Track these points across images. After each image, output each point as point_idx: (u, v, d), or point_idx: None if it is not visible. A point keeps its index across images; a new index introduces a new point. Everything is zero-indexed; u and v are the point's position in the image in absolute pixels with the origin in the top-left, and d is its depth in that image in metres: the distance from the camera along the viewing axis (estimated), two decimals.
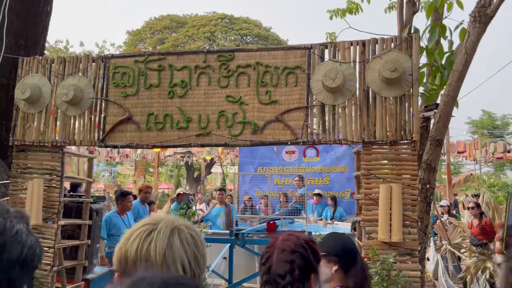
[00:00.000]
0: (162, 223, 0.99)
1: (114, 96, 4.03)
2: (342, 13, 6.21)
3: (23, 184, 4.12)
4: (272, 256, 1.46)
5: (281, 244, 1.48)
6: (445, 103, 4.03)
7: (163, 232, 0.96)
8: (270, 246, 1.49)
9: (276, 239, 1.52)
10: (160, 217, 1.04)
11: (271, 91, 3.76)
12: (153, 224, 0.99)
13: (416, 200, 3.41)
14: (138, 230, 0.99)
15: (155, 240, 0.95)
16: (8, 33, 4.28)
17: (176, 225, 1.00)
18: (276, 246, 1.48)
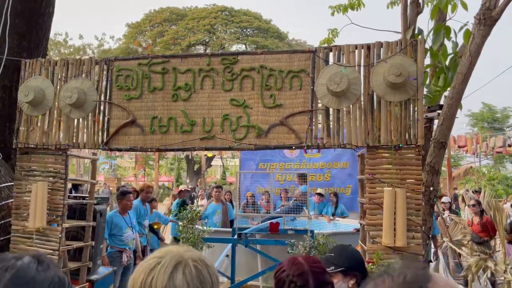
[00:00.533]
0: (168, 257, 1.00)
1: (118, 99, 4.02)
2: (343, 9, 6.18)
3: (27, 187, 4.13)
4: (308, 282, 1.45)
5: (313, 269, 1.48)
6: (449, 106, 4.02)
7: (166, 267, 0.97)
8: (301, 274, 1.47)
9: (300, 264, 1.51)
10: (169, 249, 1.05)
11: (276, 94, 3.75)
12: (159, 257, 1.01)
13: (421, 205, 3.43)
14: (146, 263, 1.02)
15: (157, 274, 0.96)
16: (10, 35, 4.25)
17: (181, 259, 1.00)
18: (310, 271, 1.48)
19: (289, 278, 1.46)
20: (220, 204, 8.08)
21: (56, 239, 4.05)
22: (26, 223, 4.05)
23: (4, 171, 4.31)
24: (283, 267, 1.53)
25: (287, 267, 1.51)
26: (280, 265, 1.55)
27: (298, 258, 1.53)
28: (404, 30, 4.41)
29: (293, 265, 1.49)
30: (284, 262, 1.55)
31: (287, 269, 1.50)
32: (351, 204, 9.75)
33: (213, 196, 8.27)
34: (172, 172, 36.15)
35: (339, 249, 2.10)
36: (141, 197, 6.83)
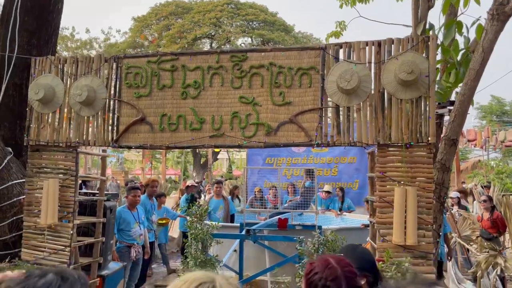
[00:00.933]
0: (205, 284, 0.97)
1: (127, 97, 4.03)
2: (352, 1, 6.11)
3: (38, 184, 4.17)
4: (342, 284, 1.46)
5: (346, 274, 1.49)
6: (461, 102, 3.97)
7: None
8: (334, 279, 1.46)
9: (334, 268, 1.50)
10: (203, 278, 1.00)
11: (285, 92, 3.73)
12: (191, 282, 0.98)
13: (432, 203, 3.41)
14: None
15: None
16: (20, 32, 4.27)
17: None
18: (343, 276, 1.48)
19: (321, 282, 1.46)
20: (222, 199, 8.09)
21: (67, 235, 4.09)
22: (38, 220, 4.09)
23: (16, 168, 4.35)
24: (315, 268, 1.51)
25: (320, 269, 1.50)
26: (312, 265, 1.54)
27: (330, 261, 1.52)
28: (415, 25, 4.35)
29: (326, 269, 1.49)
30: (316, 263, 1.53)
31: (320, 272, 1.49)
32: (358, 199, 9.73)
33: (214, 191, 8.27)
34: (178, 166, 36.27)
35: (349, 249, 2.09)
36: (147, 192, 6.85)
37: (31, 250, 4.16)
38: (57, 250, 4.09)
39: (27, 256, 4.13)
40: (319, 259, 1.57)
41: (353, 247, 2.19)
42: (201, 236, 4.83)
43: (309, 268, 1.54)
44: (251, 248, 6.24)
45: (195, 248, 4.89)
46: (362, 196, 9.81)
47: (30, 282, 0.78)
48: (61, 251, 4.09)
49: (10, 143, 4.46)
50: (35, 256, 4.11)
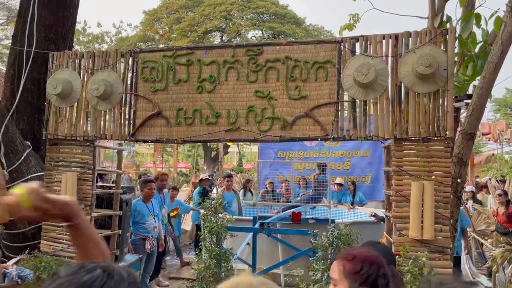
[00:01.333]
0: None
1: (144, 91, 4.06)
2: None
3: (56, 177, 4.23)
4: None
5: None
6: (479, 96, 3.93)
7: None
8: (385, 270, 1.50)
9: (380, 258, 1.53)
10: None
11: (301, 86, 3.73)
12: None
13: (449, 198, 3.39)
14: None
15: None
16: (37, 27, 4.32)
17: None
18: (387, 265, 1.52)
19: (381, 271, 1.49)
20: (233, 192, 8.12)
21: None
22: None
23: (35, 162, 4.43)
24: (365, 263, 1.51)
25: (370, 263, 1.51)
26: (359, 260, 1.53)
27: (372, 253, 1.55)
28: (431, 18, 4.30)
29: (377, 258, 1.52)
30: (363, 259, 1.53)
31: (373, 263, 1.51)
32: (370, 193, 9.70)
33: (225, 185, 8.27)
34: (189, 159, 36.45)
35: (371, 245, 2.09)
36: (156, 186, 6.83)
37: (50, 242, 4.24)
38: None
39: (46, 248, 4.21)
40: (360, 253, 1.56)
41: (373, 243, 2.19)
42: (216, 229, 4.86)
43: (357, 264, 1.51)
44: (264, 242, 6.27)
45: (209, 241, 4.93)
46: (375, 190, 9.78)
47: (77, 276, 0.79)
48: None
49: (29, 137, 4.53)
50: (53, 247, 4.19)
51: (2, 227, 4.21)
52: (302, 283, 4.46)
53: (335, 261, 1.59)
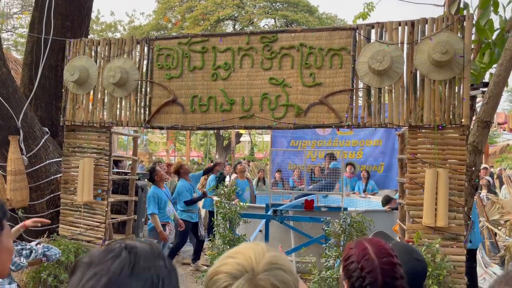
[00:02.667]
0: (240, 281, 0.89)
1: (159, 78, 4.10)
2: None
3: (73, 163, 4.33)
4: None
5: (383, 266, 1.45)
6: (496, 84, 3.87)
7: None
8: (370, 271, 1.44)
9: (372, 260, 1.46)
10: (245, 265, 0.92)
11: (315, 73, 3.73)
12: (232, 277, 0.90)
13: (463, 186, 3.38)
14: (216, 275, 0.92)
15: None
16: (54, 15, 4.37)
17: (255, 285, 0.88)
18: (380, 269, 1.45)
19: (357, 272, 1.43)
20: (246, 180, 8.16)
21: (102, 213, 4.25)
22: (74, 197, 4.27)
23: (52, 148, 4.52)
24: (352, 256, 1.46)
25: (356, 259, 1.45)
26: (350, 251, 1.48)
27: (368, 251, 1.45)
28: (448, 4, 4.24)
29: (363, 259, 1.43)
30: (354, 251, 1.47)
31: (356, 261, 1.45)
32: (383, 182, 9.67)
33: (238, 170, 8.28)
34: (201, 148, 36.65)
35: (400, 247, 1.80)
36: (184, 176, 6.83)
37: (68, 226, 4.35)
38: (92, 226, 4.26)
39: (64, 232, 4.33)
40: (358, 246, 1.51)
41: (406, 248, 1.88)
42: (230, 216, 4.93)
43: (346, 254, 1.50)
44: (276, 229, 6.33)
45: (223, 227, 5.00)
46: (387, 179, 9.75)
47: (106, 263, 0.79)
48: (96, 227, 4.26)
49: (47, 123, 4.63)
50: (71, 231, 4.30)
51: (21, 210, 4.33)
52: (315, 269, 4.51)
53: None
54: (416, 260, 1.77)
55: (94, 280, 0.76)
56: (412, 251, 1.83)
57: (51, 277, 3.84)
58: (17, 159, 4.04)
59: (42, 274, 3.83)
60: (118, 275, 0.77)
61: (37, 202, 4.40)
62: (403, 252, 1.72)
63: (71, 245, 4.02)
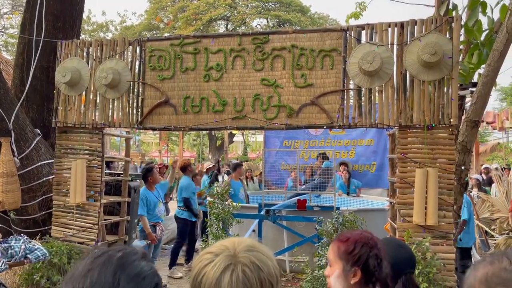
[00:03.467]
0: (221, 257, 1.01)
1: (151, 79, 4.11)
2: None
3: (66, 164, 4.32)
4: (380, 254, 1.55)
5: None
6: (484, 84, 3.94)
7: (217, 268, 0.99)
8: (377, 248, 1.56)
9: (374, 239, 1.58)
10: (226, 246, 1.05)
11: (307, 74, 3.76)
12: (215, 254, 1.03)
13: (452, 184, 3.44)
14: (203, 256, 1.04)
15: (207, 274, 0.99)
16: (46, 16, 4.36)
17: (234, 260, 1.00)
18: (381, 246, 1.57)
19: (371, 253, 1.54)
20: (239, 181, 8.21)
21: (95, 214, 4.25)
22: (66, 198, 4.26)
23: (44, 149, 4.51)
24: (357, 243, 1.55)
25: (364, 242, 1.56)
26: (350, 242, 1.57)
27: (366, 234, 1.59)
28: (437, 6, 4.29)
29: (370, 240, 1.56)
30: (353, 239, 1.57)
31: (366, 245, 1.55)
32: (375, 181, 9.76)
33: (236, 174, 8.34)
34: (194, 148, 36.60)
35: (394, 246, 1.91)
36: (189, 174, 6.88)
37: (61, 227, 4.35)
38: (85, 228, 4.26)
39: (57, 234, 4.32)
40: (353, 235, 1.60)
41: (399, 245, 1.99)
42: (223, 216, 4.95)
43: (348, 247, 1.56)
44: (269, 229, 6.36)
45: (216, 228, 5.02)
46: (380, 178, 9.83)
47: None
48: (89, 229, 4.26)
49: (38, 124, 4.61)
50: (64, 233, 4.29)
51: (13, 212, 4.32)
52: (307, 268, 4.55)
53: (332, 242, 1.65)
54: (400, 247, 1.90)
55: None
56: (397, 241, 2.01)
57: (44, 279, 3.83)
58: (9, 161, 4.03)
59: (35, 276, 3.82)
60: None
61: (29, 204, 4.39)
62: (387, 242, 1.85)
63: (64, 247, 4.02)
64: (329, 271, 1.59)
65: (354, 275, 1.53)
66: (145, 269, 0.90)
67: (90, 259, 0.88)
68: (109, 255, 0.89)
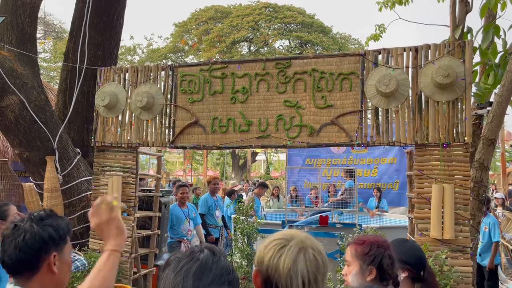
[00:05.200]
0: (293, 242, 1.23)
1: (182, 102, 4.45)
2: (391, 4, 6.28)
3: (102, 181, 4.66)
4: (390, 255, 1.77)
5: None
6: (499, 104, 4.10)
7: (292, 250, 1.21)
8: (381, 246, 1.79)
9: (382, 241, 1.81)
10: (293, 234, 1.27)
11: (327, 96, 4.01)
12: (286, 240, 1.24)
13: (468, 200, 3.57)
14: (274, 241, 1.25)
15: (285, 255, 1.20)
16: (88, 46, 4.79)
17: (304, 245, 1.22)
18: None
19: (385, 254, 1.76)
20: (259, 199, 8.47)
21: (129, 227, 4.55)
22: None
23: (84, 167, 4.88)
24: (373, 245, 1.78)
25: (378, 244, 1.78)
26: (366, 244, 1.79)
27: (380, 238, 1.82)
28: (452, 29, 4.51)
29: (383, 243, 1.79)
30: (369, 242, 1.80)
31: (380, 247, 1.78)
32: (398, 199, 9.80)
33: (258, 192, 8.61)
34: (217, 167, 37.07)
35: (398, 242, 2.21)
36: (209, 189, 7.26)
37: (97, 240, 4.66)
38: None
39: (94, 246, 4.63)
40: (368, 238, 1.83)
41: (402, 241, 2.29)
42: (248, 231, 5.18)
43: (363, 249, 1.78)
44: None
45: (241, 242, 5.25)
46: (402, 197, 9.87)
47: (194, 256, 1.10)
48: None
49: (78, 144, 5.01)
50: (101, 245, 4.60)
51: None
52: (330, 283, 4.69)
53: (349, 245, 1.87)
54: (411, 244, 2.21)
55: (188, 265, 1.07)
56: (406, 240, 2.29)
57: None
58: (53, 177, 4.40)
59: (75, 284, 4.12)
60: (205, 262, 1.08)
61: (69, 217, 4.74)
62: (399, 241, 2.17)
63: None
64: (347, 270, 1.82)
65: (370, 273, 1.74)
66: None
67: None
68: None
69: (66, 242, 1.76)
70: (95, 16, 4.82)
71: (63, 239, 1.73)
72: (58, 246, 1.70)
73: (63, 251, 1.72)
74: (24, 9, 4.32)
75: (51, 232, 1.68)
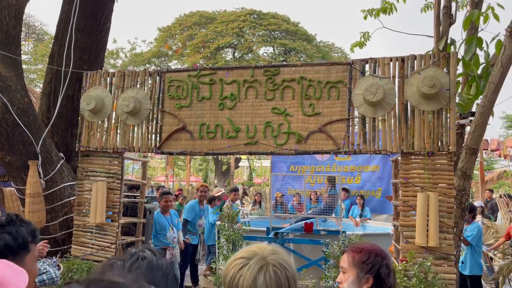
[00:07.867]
0: (254, 260, 1.20)
1: (170, 107, 4.42)
2: (376, 13, 6.38)
3: (87, 186, 4.58)
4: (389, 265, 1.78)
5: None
6: (481, 114, 4.20)
7: (252, 270, 1.18)
8: (379, 255, 1.80)
9: (380, 251, 1.82)
10: (255, 251, 1.24)
11: (314, 103, 4.05)
12: (247, 258, 1.22)
13: (452, 208, 3.65)
14: (235, 260, 1.23)
15: (244, 275, 1.18)
16: (74, 49, 4.72)
17: (265, 262, 1.19)
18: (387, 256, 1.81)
19: (382, 263, 1.77)
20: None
21: (113, 234, 4.48)
22: (87, 219, 4.50)
23: (67, 172, 4.79)
24: (371, 254, 1.78)
25: (376, 253, 1.80)
26: (364, 252, 1.81)
27: (377, 247, 1.83)
28: (436, 41, 4.61)
29: (380, 252, 1.80)
30: (367, 250, 1.81)
31: (378, 255, 1.79)
32: (381, 207, 9.91)
33: (232, 198, 8.60)
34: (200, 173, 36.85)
35: None
36: (198, 197, 7.20)
37: (80, 246, 4.57)
38: (103, 247, 4.48)
39: (76, 252, 4.54)
40: (366, 246, 1.84)
41: None
42: (233, 237, 5.15)
43: (361, 257, 1.79)
44: None
45: (226, 249, 5.22)
46: (385, 204, 9.99)
47: (142, 254, 1.15)
48: (107, 248, 4.48)
49: (62, 148, 4.91)
50: (83, 252, 4.51)
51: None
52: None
53: (345, 252, 1.87)
54: None
55: (136, 264, 1.12)
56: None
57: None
58: (36, 182, 4.30)
59: None
60: (152, 260, 1.15)
61: (51, 223, 4.63)
62: None
63: (84, 265, 4.23)
64: (342, 277, 1.82)
65: (366, 282, 1.75)
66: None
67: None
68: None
69: (28, 251, 1.63)
70: (81, 19, 4.76)
71: (24, 248, 1.61)
72: (18, 256, 1.58)
73: (24, 261, 1.60)
74: (9, 10, 4.24)
75: (8, 240, 1.57)
